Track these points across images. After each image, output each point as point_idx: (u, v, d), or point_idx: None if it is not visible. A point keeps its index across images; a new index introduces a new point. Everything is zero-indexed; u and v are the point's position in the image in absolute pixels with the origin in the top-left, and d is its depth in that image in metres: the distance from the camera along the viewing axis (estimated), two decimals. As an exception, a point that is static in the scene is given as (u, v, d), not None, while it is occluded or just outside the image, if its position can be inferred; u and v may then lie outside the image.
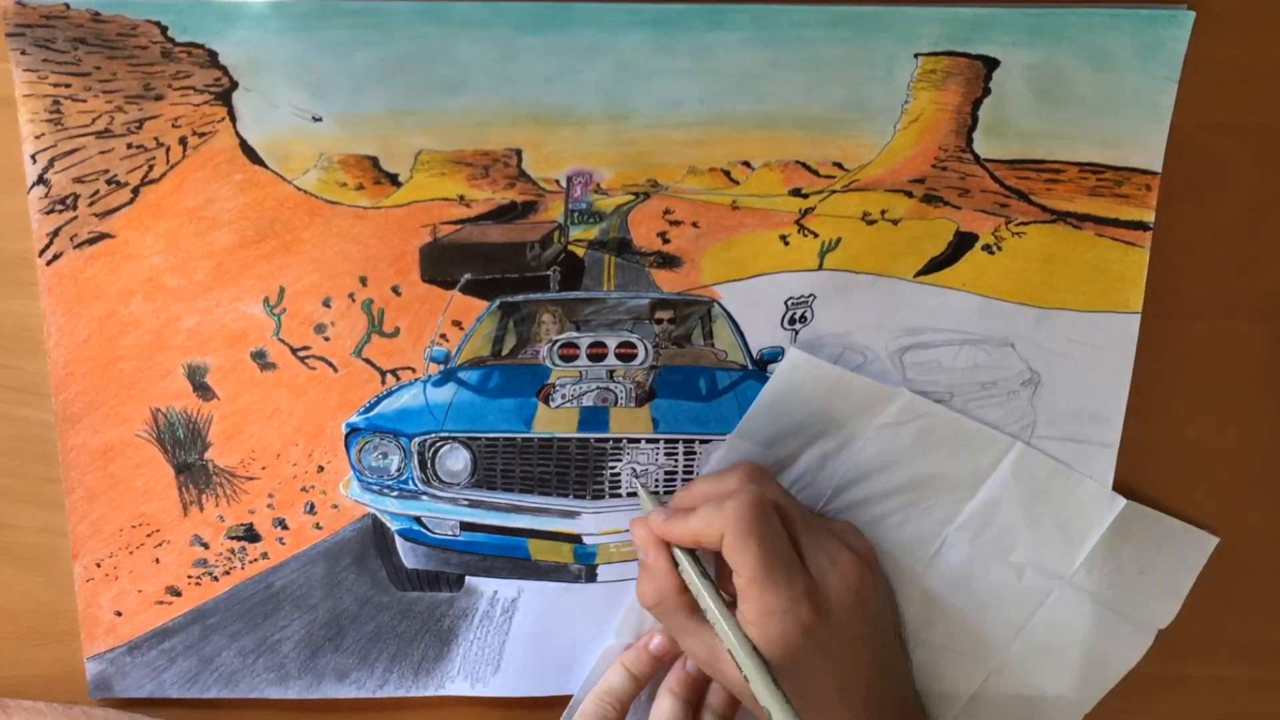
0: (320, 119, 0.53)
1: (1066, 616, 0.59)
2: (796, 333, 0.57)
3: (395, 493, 0.58)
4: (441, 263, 0.55)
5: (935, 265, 0.57)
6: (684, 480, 0.58)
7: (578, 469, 0.58)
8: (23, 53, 0.51)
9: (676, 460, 0.58)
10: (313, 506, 0.58)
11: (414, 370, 0.56)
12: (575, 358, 0.57)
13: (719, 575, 0.55)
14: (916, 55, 0.53)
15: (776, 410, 0.57)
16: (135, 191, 0.53)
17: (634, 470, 0.58)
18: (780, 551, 0.51)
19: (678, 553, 0.53)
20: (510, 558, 0.59)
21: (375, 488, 0.58)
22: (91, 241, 0.54)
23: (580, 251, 0.55)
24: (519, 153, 0.54)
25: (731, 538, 0.51)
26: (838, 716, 0.53)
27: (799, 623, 0.50)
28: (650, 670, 0.58)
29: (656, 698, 0.57)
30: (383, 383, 0.56)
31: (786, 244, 0.56)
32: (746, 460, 0.56)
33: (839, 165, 0.55)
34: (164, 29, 0.51)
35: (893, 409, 0.57)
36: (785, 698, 0.49)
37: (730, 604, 0.52)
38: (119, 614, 0.58)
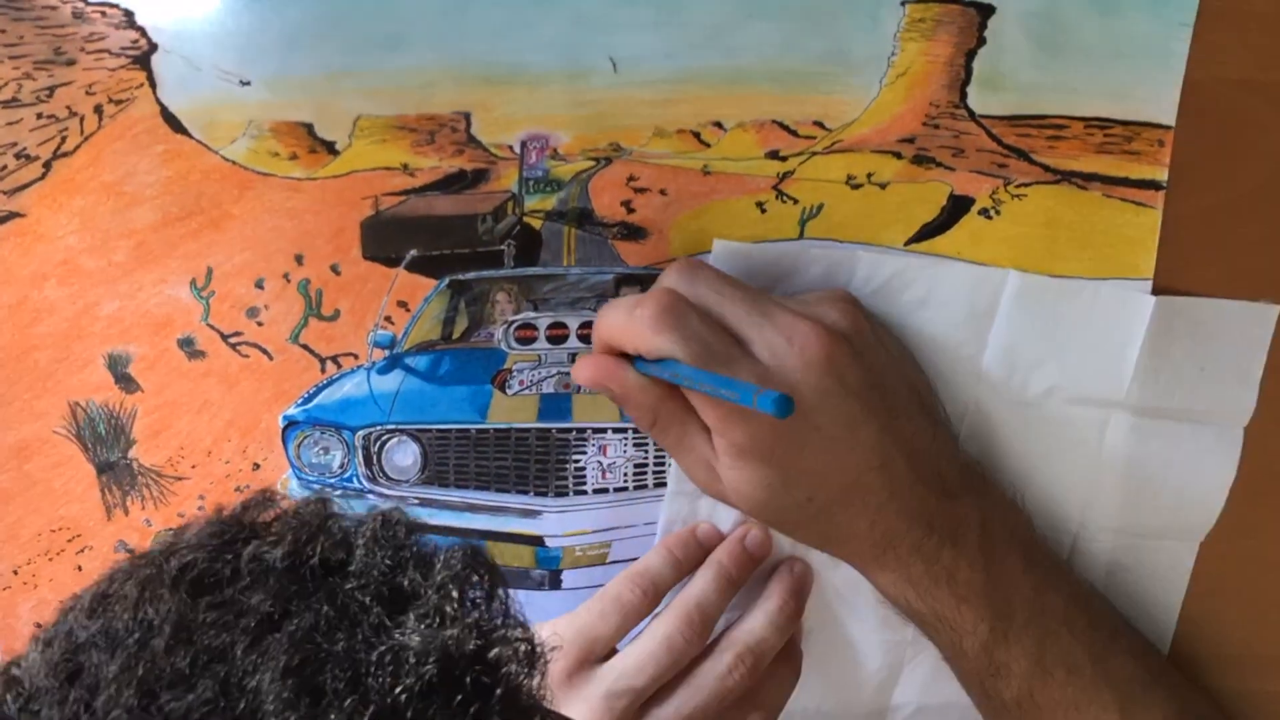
0: (249, 83, 0.53)
1: (1136, 443, 0.58)
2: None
3: (338, 492, 0.58)
4: (384, 238, 0.55)
5: (927, 232, 0.57)
6: (655, 474, 0.59)
7: (538, 463, 0.58)
8: (-81, 15, 0.51)
9: (648, 452, 0.58)
10: (248, 508, 0.58)
11: (356, 357, 0.57)
12: (533, 340, 0.57)
13: None
14: (903, 2, 0.53)
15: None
16: (47, 166, 0.54)
17: (601, 464, 0.58)
18: (709, 346, 0.50)
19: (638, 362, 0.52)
20: (466, 561, 0.59)
21: (316, 486, 0.58)
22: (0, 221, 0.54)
23: (537, 223, 0.56)
24: (467, 116, 0.54)
25: (647, 346, 0.50)
26: (863, 520, 0.52)
27: (761, 417, 0.49)
28: (696, 558, 0.58)
29: (699, 569, 0.57)
30: (322, 371, 0.57)
31: (763, 211, 0.56)
32: (676, 260, 0.55)
33: (820, 124, 0.55)
34: (74, -14, 0.51)
35: (859, 274, 0.56)
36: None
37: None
38: (39, 626, 0.58)
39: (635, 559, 0.58)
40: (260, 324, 0.56)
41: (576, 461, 0.58)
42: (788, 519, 0.54)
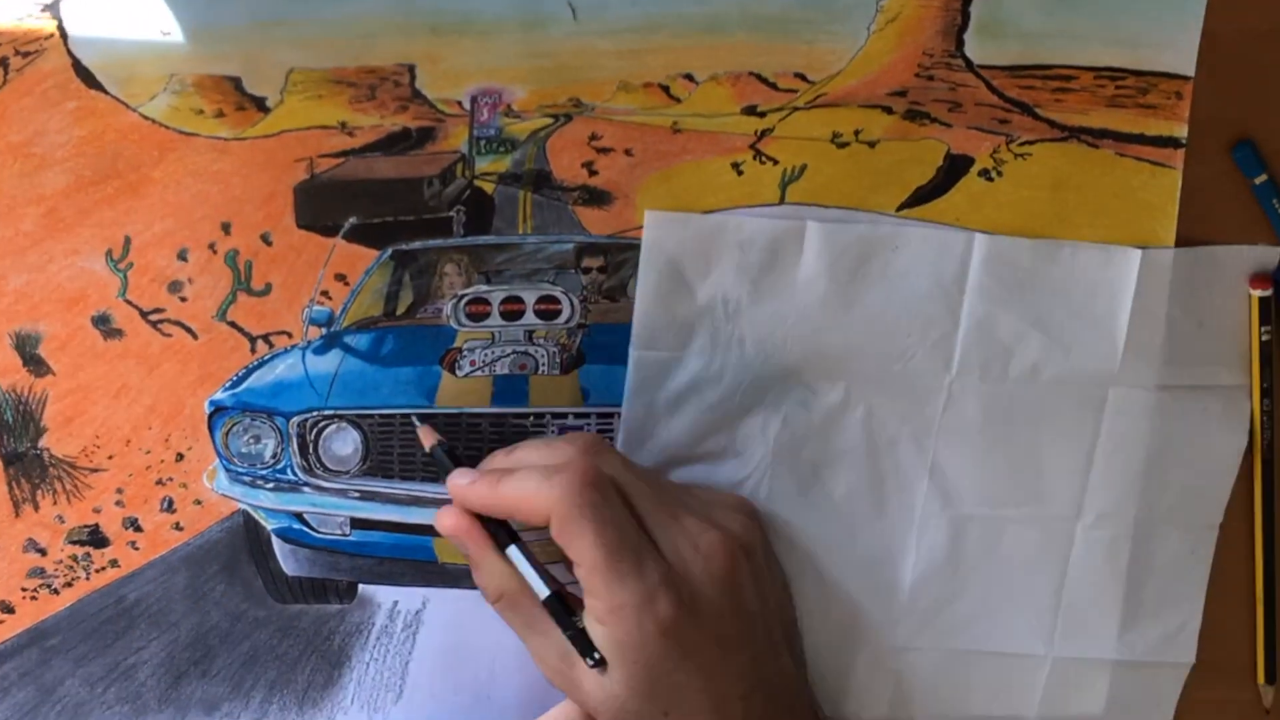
0: (169, 33, 0.53)
1: (1141, 419, 0.58)
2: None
3: (271, 484, 0.58)
4: (321, 204, 0.55)
5: (922, 196, 0.57)
6: None
7: (492, 451, 0.57)
8: None
9: (612, 439, 0.58)
10: (171, 503, 0.58)
11: (290, 335, 0.57)
12: (486, 316, 0.57)
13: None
14: (893, -60, 0.54)
15: (665, 297, 0.56)
16: (-54, 124, 0.54)
17: None
18: (625, 535, 0.51)
19: (510, 548, 0.53)
20: (412, 561, 0.59)
21: (246, 479, 0.58)
22: (-105, 186, 0.55)
23: (489, 187, 0.56)
24: (412, 69, 0.54)
25: (560, 520, 0.51)
26: None
27: (656, 619, 0.50)
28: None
29: None
30: (253, 351, 0.57)
31: (740, 173, 0.56)
32: (584, 433, 0.56)
33: (802, 77, 0.55)
34: (-28, -75, 0.52)
35: (809, 251, 0.56)
36: None
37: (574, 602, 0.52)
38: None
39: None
40: (183, 299, 0.56)
41: (534, 450, 0.58)
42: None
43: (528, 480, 0.51)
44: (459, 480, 0.53)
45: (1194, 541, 0.60)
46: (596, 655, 0.50)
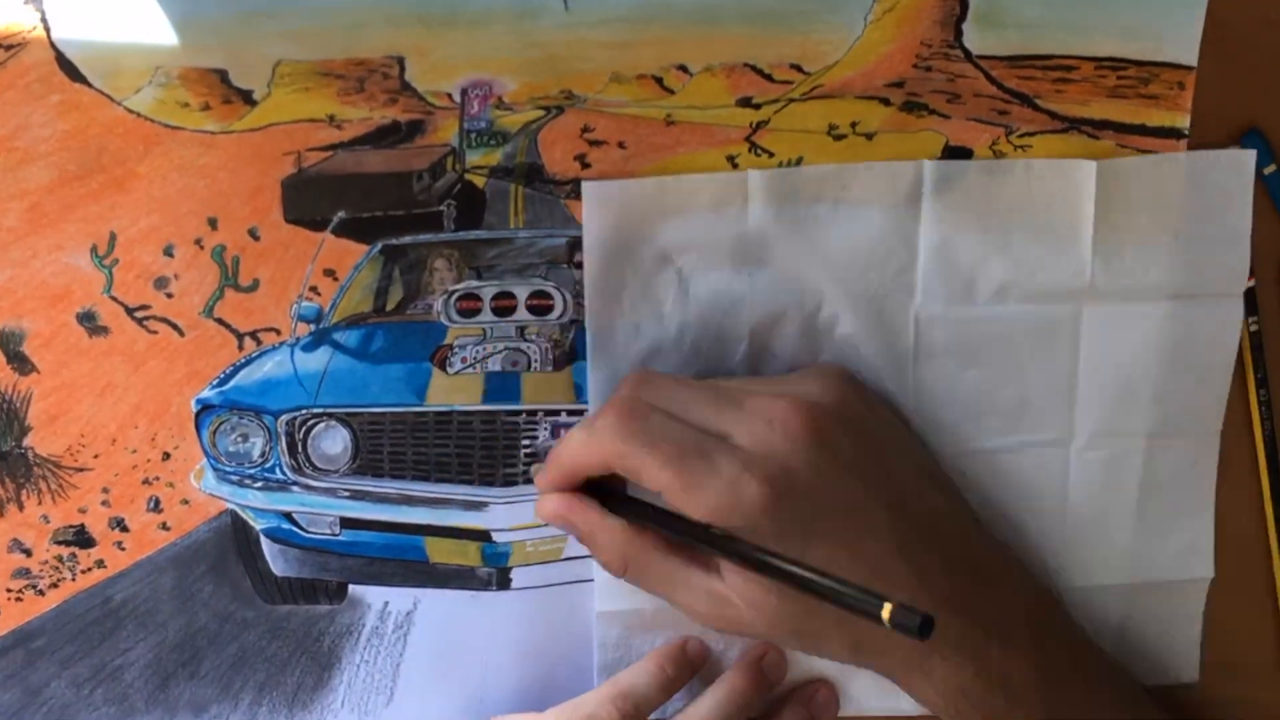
0: (156, 25, 0.53)
1: (1121, 332, 0.57)
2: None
3: (259, 483, 0.58)
4: (309, 199, 0.55)
5: (920, 189, 0.57)
6: None
7: (484, 450, 0.58)
8: None
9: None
10: (158, 503, 0.58)
11: (278, 332, 0.57)
12: (477, 312, 0.57)
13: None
14: (890, -72, 0.54)
15: (613, 266, 0.56)
16: (-73, 118, 0.54)
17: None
18: (684, 443, 0.50)
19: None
20: (403, 561, 0.59)
21: (234, 478, 0.58)
22: (-124, 181, 0.54)
23: (480, 181, 0.55)
24: (401, 61, 0.54)
25: (618, 460, 0.51)
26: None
27: (751, 505, 0.49)
28: (687, 677, 0.58)
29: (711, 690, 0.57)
30: (240, 348, 0.57)
31: (735, 166, 0.56)
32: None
33: (797, 68, 0.55)
34: (-47, -85, 0.51)
35: (754, 200, 0.56)
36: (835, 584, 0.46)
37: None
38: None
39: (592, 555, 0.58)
40: (170, 296, 0.56)
41: (527, 447, 0.58)
42: (810, 626, 0.53)
43: (574, 437, 0.52)
44: (540, 478, 0.55)
45: (1195, 452, 0.59)
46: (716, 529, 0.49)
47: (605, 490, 0.55)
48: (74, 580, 0.58)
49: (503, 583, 0.59)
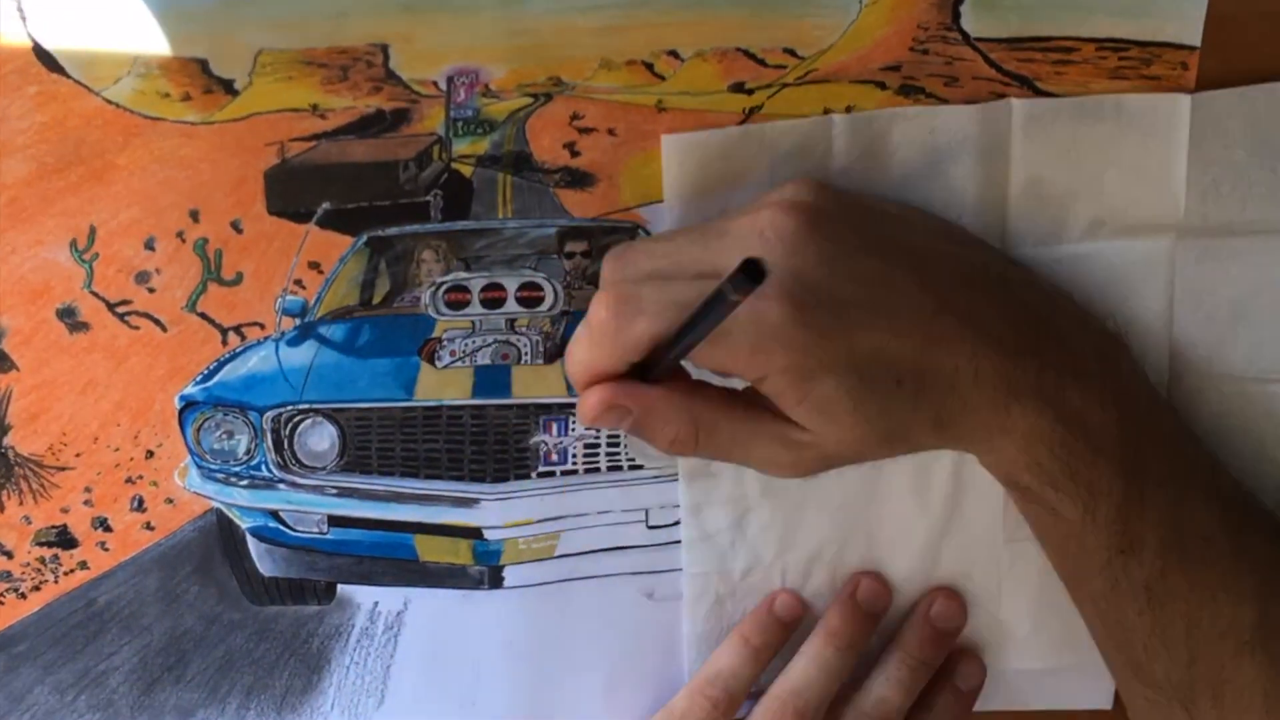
0: (135, 14, 0.52)
1: (1218, 268, 0.56)
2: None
3: (245, 481, 0.58)
4: (293, 190, 0.55)
5: (918, 174, 0.57)
6: (609, 455, 0.58)
7: (474, 445, 0.58)
8: None
9: (600, 430, 0.58)
10: (141, 502, 0.58)
11: (263, 327, 0.57)
12: (466, 304, 0.57)
13: None
14: (884, -93, 0.54)
15: (694, 221, 0.55)
16: (-98, 111, 0.54)
17: (546, 445, 0.58)
18: (683, 299, 0.48)
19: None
20: (393, 559, 0.59)
21: (220, 476, 0.58)
22: None
23: (467, 170, 0.55)
24: (385, 49, 0.54)
25: (625, 349, 0.49)
26: (965, 373, 0.50)
27: (778, 325, 0.47)
28: (778, 641, 0.58)
29: (802, 657, 0.57)
30: (224, 343, 0.56)
31: (728, 153, 0.56)
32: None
33: (791, 52, 0.55)
34: (-75, -97, 0.52)
35: (838, 142, 0.55)
36: None
37: None
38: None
39: (587, 552, 0.58)
40: (151, 290, 0.56)
41: (518, 442, 0.58)
42: (893, 424, 0.51)
43: (578, 347, 0.51)
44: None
45: None
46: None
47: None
48: (56, 583, 0.58)
49: (495, 581, 0.59)
